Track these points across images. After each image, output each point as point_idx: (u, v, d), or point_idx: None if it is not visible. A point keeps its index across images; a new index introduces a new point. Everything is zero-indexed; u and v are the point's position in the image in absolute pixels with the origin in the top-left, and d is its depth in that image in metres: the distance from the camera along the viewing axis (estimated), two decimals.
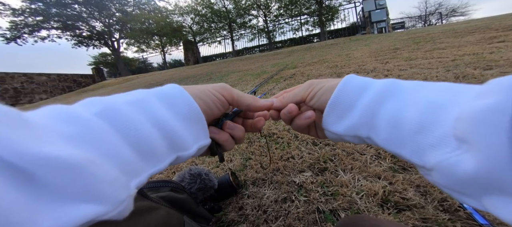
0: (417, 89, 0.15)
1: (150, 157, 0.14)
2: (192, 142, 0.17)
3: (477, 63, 1.20)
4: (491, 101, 0.10)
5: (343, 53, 2.89)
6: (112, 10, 11.52)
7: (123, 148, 0.12)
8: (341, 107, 0.17)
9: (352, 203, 0.43)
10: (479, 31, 2.51)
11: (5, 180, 0.08)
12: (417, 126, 0.13)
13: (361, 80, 0.18)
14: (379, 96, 0.16)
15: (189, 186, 0.40)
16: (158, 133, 0.14)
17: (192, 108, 0.17)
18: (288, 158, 0.62)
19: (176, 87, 0.17)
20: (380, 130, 0.15)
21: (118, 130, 0.13)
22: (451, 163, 0.11)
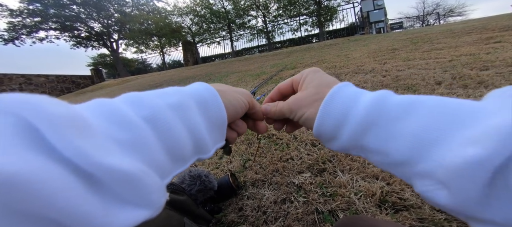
0: (403, 118, 0.13)
1: (179, 160, 0.15)
2: (212, 146, 0.18)
3: (474, 64, 1.21)
4: (476, 154, 0.10)
5: (342, 54, 2.90)
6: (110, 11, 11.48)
7: (162, 154, 0.13)
8: (326, 137, 0.17)
9: (350, 203, 0.43)
10: (476, 31, 2.54)
11: (85, 186, 0.09)
12: (404, 160, 0.13)
13: (340, 108, 0.16)
14: (361, 129, 0.15)
15: (189, 187, 0.40)
16: (190, 139, 0.15)
17: (222, 117, 0.17)
18: (287, 159, 0.62)
19: (212, 91, 0.17)
20: (370, 155, 0.16)
21: (160, 137, 0.13)
22: (431, 195, 0.12)
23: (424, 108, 0.13)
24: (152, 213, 0.12)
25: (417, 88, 1.00)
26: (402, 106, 0.14)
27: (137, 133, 0.12)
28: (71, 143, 0.09)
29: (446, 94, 0.87)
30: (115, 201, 0.10)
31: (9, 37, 9.29)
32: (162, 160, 0.13)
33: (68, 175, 0.09)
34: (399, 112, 0.14)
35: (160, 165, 0.13)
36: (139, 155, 0.12)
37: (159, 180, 0.12)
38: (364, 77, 1.39)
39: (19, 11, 8.98)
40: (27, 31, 9.62)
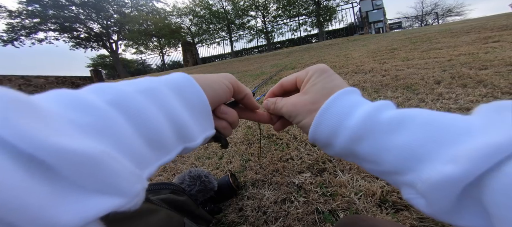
0: (395, 132, 0.14)
1: (160, 148, 0.14)
2: (198, 133, 0.17)
3: (473, 63, 1.22)
4: (452, 171, 0.11)
5: (341, 54, 2.91)
6: (110, 11, 11.48)
7: (135, 140, 0.12)
8: (321, 143, 0.18)
9: (350, 203, 0.43)
10: (474, 31, 2.55)
11: (28, 174, 0.08)
12: (393, 170, 0.15)
13: (335, 119, 0.16)
14: (353, 140, 0.16)
15: (189, 188, 0.40)
16: (169, 125, 0.14)
17: (202, 100, 0.17)
18: (287, 159, 0.62)
19: (186, 76, 0.17)
20: (363, 163, 0.17)
21: (131, 121, 0.12)
22: (415, 202, 0.14)
23: (415, 125, 0.14)
24: (125, 201, 0.10)
25: (417, 87, 1.00)
26: (394, 122, 0.15)
27: (101, 115, 0.11)
28: (10, 122, 0.07)
29: (445, 93, 0.88)
30: (71, 189, 0.09)
31: (8, 38, 9.27)
32: (139, 146, 0.12)
33: (5, 161, 0.07)
34: (391, 127, 0.15)
35: (135, 151, 0.12)
36: (105, 138, 0.11)
37: (132, 167, 0.11)
38: (363, 77, 1.40)
39: (18, 12, 8.97)
40: (26, 32, 9.60)
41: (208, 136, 0.18)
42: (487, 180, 0.10)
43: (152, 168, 0.13)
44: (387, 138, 0.14)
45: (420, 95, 0.91)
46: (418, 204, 0.14)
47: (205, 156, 0.74)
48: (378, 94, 1.02)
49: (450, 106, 0.76)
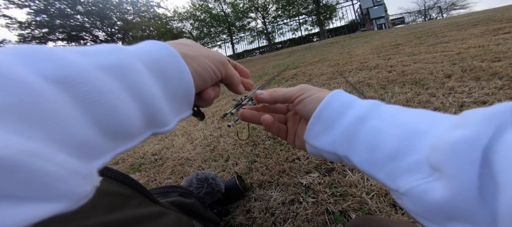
0: (396, 114, 0.15)
1: (121, 136, 0.11)
2: (172, 117, 0.14)
3: (484, 56, 1.17)
4: (464, 134, 0.10)
5: (344, 51, 2.88)
6: (113, 19, 11.78)
7: (85, 128, 0.10)
8: (324, 122, 0.17)
9: (362, 203, 0.42)
10: (482, 23, 2.47)
11: None
12: (392, 152, 0.13)
13: (346, 98, 0.17)
14: (360, 118, 0.16)
15: (197, 190, 0.40)
16: (137, 110, 0.12)
17: (187, 88, 0.14)
18: (294, 159, 0.61)
19: (169, 50, 0.14)
20: (358, 152, 0.15)
21: (83, 106, 0.10)
22: (421, 190, 0.12)
23: (411, 110, 0.15)
24: (66, 206, 0.08)
25: (426, 82, 0.97)
26: (393, 108, 0.16)
27: (28, 95, 0.08)
28: None
29: (457, 87, 0.85)
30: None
31: None
32: (87, 136, 0.10)
33: None
34: (391, 110, 0.16)
35: (82, 143, 0.09)
36: (33, 128, 0.08)
37: (75, 162, 0.09)
38: (368, 73, 1.37)
39: (27, 23, 9.34)
40: (36, 42, 9.98)
41: (182, 118, 0.16)
42: (494, 147, 0.09)
43: (107, 157, 0.11)
44: (391, 118, 0.15)
45: (430, 90, 0.88)
46: (432, 190, 0.11)
47: (211, 158, 0.74)
48: (385, 90, 1.00)
49: (464, 100, 0.73)
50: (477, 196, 0.10)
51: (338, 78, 1.47)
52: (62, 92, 0.09)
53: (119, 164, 0.88)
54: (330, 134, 0.17)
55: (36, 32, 9.67)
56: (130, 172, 0.80)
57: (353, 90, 1.11)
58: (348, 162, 0.17)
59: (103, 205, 0.15)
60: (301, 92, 0.19)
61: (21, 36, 9.37)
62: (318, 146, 0.18)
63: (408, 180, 0.12)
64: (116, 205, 0.10)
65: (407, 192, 0.12)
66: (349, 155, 0.16)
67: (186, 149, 0.86)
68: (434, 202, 0.11)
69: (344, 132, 0.16)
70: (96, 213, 0.15)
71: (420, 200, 0.12)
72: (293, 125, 0.22)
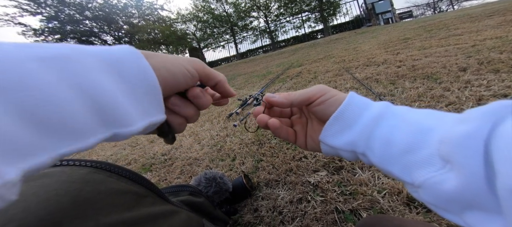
0: (406, 112, 0.16)
1: (62, 132, 0.10)
2: (137, 117, 0.13)
3: (503, 47, 1.11)
4: (468, 128, 0.11)
5: (350, 47, 2.81)
6: (119, 23, 12.12)
7: (6, 121, 0.09)
8: (344, 122, 0.18)
9: (373, 202, 0.41)
10: (498, 14, 2.34)
11: None
12: (405, 146, 0.14)
13: (362, 100, 0.19)
14: (376, 117, 0.17)
15: (206, 189, 0.40)
16: (83, 103, 0.11)
17: (148, 79, 0.14)
18: (301, 158, 0.60)
19: (131, 50, 0.14)
20: (375, 149, 0.16)
21: (2, 95, 0.09)
22: (436, 181, 0.12)
23: (419, 110, 0.16)
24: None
25: (439, 76, 0.93)
26: (402, 108, 0.17)
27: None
28: None
29: (474, 80, 0.80)
30: None
31: None
32: (7, 128, 0.09)
33: None
34: (401, 110, 0.17)
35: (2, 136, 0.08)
36: None
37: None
38: (376, 69, 1.33)
39: (41, 30, 9.78)
40: None
41: (153, 122, 0.14)
42: (491, 139, 0.10)
43: (42, 157, 0.10)
44: (401, 117, 0.16)
45: (443, 84, 0.84)
46: (444, 180, 0.12)
47: (218, 158, 0.75)
48: (394, 86, 0.97)
49: (482, 93, 0.69)
50: (485, 183, 0.10)
51: (344, 74, 1.44)
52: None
53: (132, 165, 0.90)
54: (349, 133, 0.18)
55: (49, 39, 10.13)
56: (142, 171, 0.82)
57: (360, 86, 1.09)
58: (365, 159, 0.18)
59: (121, 204, 0.16)
60: (323, 93, 0.19)
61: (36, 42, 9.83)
62: (336, 145, 0.18)
63: (423, 173, 0.13)
64: (132, 203, 0.10)
65: (422, 184, 0.13)
66: (367, 153, 0.17)
67: (194, 149, 0.87)
68: (449, 191, 0.12)
69: (363, 131, 0.17)
70: (115, 211, 0.15)
71: (435, 191, 0.13)
72: (302, 128, 0.22)
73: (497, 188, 0.10)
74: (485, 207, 0.11)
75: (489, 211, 0.11)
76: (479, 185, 0.10)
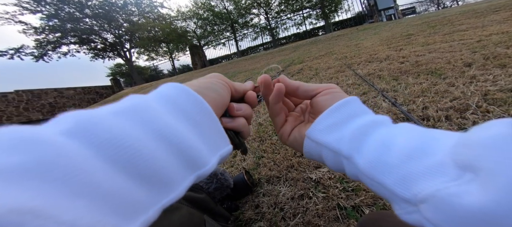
0: (410, 125, 0.15)
1: (157, 183, 0.10)
2: (210, 154, 0.13)
3: (510, 42, 1.08)
4: (499, 129, 0.09)
5: (352, 44, 2.78)
6: (119, 21, 12.08)
7: (111, 177, 0.09)
8: (341, 116, 0.17)
9: (376, 198, 0.40)
10: (504, 9, 2.29)
11: None
12: (410, 152, 0.12)
13: (364, 106, 0.18)
14: (376, 122, 0.16)
15: (207, 186, 0.40)
16: (165, 149, 0.11)
17: (204, 109, 0.14)
18: (302, 155, 0.60)
19: (177, 86, 0.14)
20: (367, 152, 0.14)
21: (101, 151, 0.09)
22: (451, 193, 0.09)
23: (424, 128, 0.14)
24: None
25: (443, 72, 0.92)
26: (406, 123, 0.15)
27: (43, 150, 0.08)
28: None
29: (479, 75, 0.79)
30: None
31: (39, 54, 10.20)
32: (115, 186, 0.09)
33: None
34: (405, 124, 0.15)
35: (109, 194, 0.08)
36: (42, 182, 0.07)
37: (101, 217, 0.08)
38: (379, 65, 1.31)
39: (41, 28, 9.79)
40: (52, 47, 10.48)
41: (223, 155, 0.14)
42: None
43: (150, 213, 0.10)
44: (406, 127, 0.15)
45: (448, 79, 0.83)
46: (466, 194, 0.09)
47: None
48: (397, 82, 0.95)
49: (488, 88, 0.68)
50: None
51: (346, 71, 1.42)
52: (81, 143, 0.09)
53: None
54: (341, 130, 0.16)
55: (50, 37, 10.14)
56: None
57: (362, 82, 1.07)
58: (349, 165, 0.15)
59: None
60: (331, 87, 0.19)
61: (37, 41, 9.86)
62: (323, 141, 0.17)
63: (430, 184, 0.10)
64: None
65: (429, 197, 0.10)
66: (355, 156, 0.15)
67: None
68: (469, 208, 0.09)
69: (357, 130, 0.15)
70: None
71: (448, 205, 0.09)
72: (294, 121, 0.22)
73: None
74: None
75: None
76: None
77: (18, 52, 9.65)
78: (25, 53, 9.86)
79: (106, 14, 11.19)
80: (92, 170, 0.08)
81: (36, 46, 9.93)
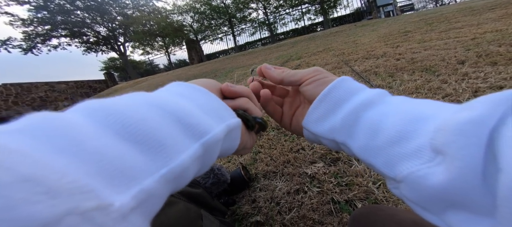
0: (402, 102, 0.15)
1: (153, 148, 0.10)
2: (214, 123, 0.13)
3: (502, 40, 1.10)
4: (472, 114, 0.10)
5: (350, 40, 2.78)
6: (113, 14, 11.67)
7: (97, 136, 0.08)
8: (327, 106, 0.17)
9: (369, 193, 0.41)
10: (500, 7, 2.31)
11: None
12: (394, 137, 0.13)
13: (353, 85, 0.17)
14: (366, 103, 0.15)
15: (204, 181, 0.41)
16: (160, 115, 0.11)
17: (198, 89, 0.15)
18: (298, 150, 0.61)
19: (183, 84, 0.15)
20: (358, 137, 0.15)
21: (106, 123, 0.09)
22: (420, 175, 0.11)
23: (419, 100, 0.15)
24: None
25: (437, 69, 0.93)
26: (400, 98, 0.15)
27: (40, 117, 0.08)
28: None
29: (471, 73, 0.80)
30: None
31: (27, 46, 9.79)
32: (105, 148, 0.08)
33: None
34: (398, 99, 0.15)
35: (99, 154, 0.08)
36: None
37: (96, 185, 0.07)
38: (375, 62, 1.32)
39: (29, 20, 9.38)
40: (41, 39, 10.08)
41: (231, 125, 0.14)
42: (500, 129, 0.09)
43: (146, 183, 0.09)
44: (396, 105, 0.15)
45: (441, 76, 0.84)
46: (432, 175, 0.10)
47: None
48: (393, 78, 0.96)
49: (479, 85, 0.70)
50: (481, 179, 0.09)
51: (343, 67, 1.43)
52: (87, 117, 0.09)
53: None
54: (331, 119, 0.16)
55: (39, 29, 9.74)
56: None
57: (359, 79, 1.08)
58: (347, 150, 0.16)
59: None
60: (314, 74, 0.19)
61: (25, 33, 9.46)
62: (317, 132, 0.17)
63: (407, 166, 0.12)
64: None
65: (404, 178, 0.12)
66: (348, 142, 0.15)
67: None
68: (433, 187, 0.10)
69: (346, 118, 0.16)
70: None
71: (418, 185, 0.11)
72: (289, 109, 0.22)
73: (497, 186, 0.08)
74: (473, 207, 0.09)
75: (476, 212, 0.09)
76: (473, 181, 0.09)
77: (5, 44, 9.26)
78: (13, 46, 9.47)
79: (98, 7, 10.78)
80: (78, 127, 0.08)
81: (24, 39, 9.54)
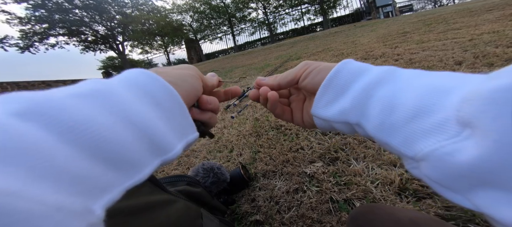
0: (418, 76, 0.13)
1: (123, 165, 0.10)
2: (176, 141, 0.13)
3: (499, 41, 1.12)
4: (503, 81, 0.08)
5: (349, 41, 2.79)
6: (111, 13, 11.60)
7: (72, 159, 0.09)
8: (334, 90, 0.16)
9: (367, 192, 0.42)
10: (497, 8, 2.33)
11: None
12: (413, 111, 0.12)
13: (359, 65, 0.16)
14: (376, 81, 0.14)
15: (203, 180, 0.41)
16: (131, 133, 0.11)
17: (174, 97, 0.14)
18: (297, 149, 0.61)
19: (146, 72, 0.14)
20: (372, 116, 0.14)
21: (63, 136, 0.09)
22: (445, 152, 0.10)
23: (436, 73, 0.13)
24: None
25: (435, 69, 0.93)
26: (414, 71, 0.14)
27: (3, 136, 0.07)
28: None
29: None
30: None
31: (24, 45, 9.69)
32: (79, 167, 0.09)
33: None
34: (412, 73, 0.14)
35: (74, 174, 0.08)
36: (10, 167, 0.07)
37: (58, 198, 0.08)
38: (374, 62, 1.33)
39: (27, 19, 9.29)
40: (38, 38, 9.99)
41: (189, 141, 0.15)
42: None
43: (115, 193, 0.10)
44: (411, 80, 0.13)
45: None
46: (460, 151, 0.09)
47: (216, 149, 0.75)
48: None
49: None
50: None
51: None
52: (36, 125, 0.08)
53: None
54: (340, 102, 0.16)
55: (36, 28, 9.65)
56: None
57: None
58: (361, 130, 0.15)
59: None
60: (305, 67, 0.18)
61: (22, 32, 9.38)
62: (327, 117, 0.16)
63: (430, 142, 0.11)
64: (131, 191, 0.10)
65: (427, 156, 0.11)
66: (362, 122, 0.15)
67: None
68: (462, 164, 0.09)
69: (356, 98, 0.15)
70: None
71: (442, 163, 0.10)
72: (297, 105, 0.21)
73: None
74: (508, 184, 0.08)
75: (509, 190, 0.08)
76: (509, 155, 0.08)
77: (1, 42, 9.17)
78: (9, 44, 9.38)
79: (97, 6, 10.70)
80: (55, 154, 0.08)
81: (21, 37, 9.45)
